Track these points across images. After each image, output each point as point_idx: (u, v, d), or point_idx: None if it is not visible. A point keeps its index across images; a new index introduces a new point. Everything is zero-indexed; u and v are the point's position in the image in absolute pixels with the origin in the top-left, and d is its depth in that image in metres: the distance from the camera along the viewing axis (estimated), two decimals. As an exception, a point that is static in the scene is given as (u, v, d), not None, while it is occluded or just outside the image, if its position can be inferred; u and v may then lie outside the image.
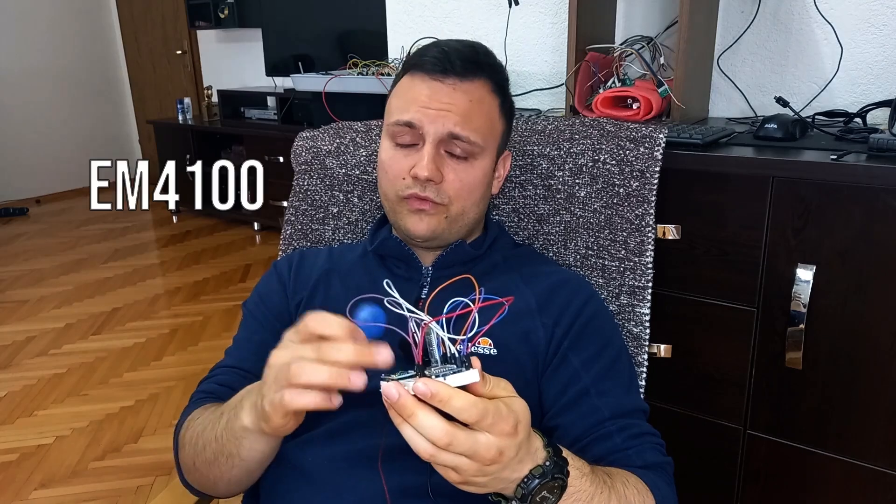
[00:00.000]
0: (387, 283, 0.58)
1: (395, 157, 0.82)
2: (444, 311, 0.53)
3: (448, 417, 0.49)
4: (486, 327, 0.53)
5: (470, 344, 0.52)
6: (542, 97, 1.52)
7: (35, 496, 1.79)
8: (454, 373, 0.50)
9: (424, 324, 0.52)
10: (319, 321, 0.54)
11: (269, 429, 0.59)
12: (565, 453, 0.58)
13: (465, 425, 0.50)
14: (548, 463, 0.55)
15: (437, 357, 0.52)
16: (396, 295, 0.54)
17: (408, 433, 0.50)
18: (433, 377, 0.49)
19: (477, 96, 0.81)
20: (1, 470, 1.89)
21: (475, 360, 0.52)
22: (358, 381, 0.51)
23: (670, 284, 1.02)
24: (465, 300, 0.53)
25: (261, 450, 0.66)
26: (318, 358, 0.52)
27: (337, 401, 0.53)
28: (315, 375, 0.51)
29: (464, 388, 0.50)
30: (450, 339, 0.51)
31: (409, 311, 0.52)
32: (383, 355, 0.51)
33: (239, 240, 4.09)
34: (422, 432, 0.49)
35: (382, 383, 0.50)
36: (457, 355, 0.51)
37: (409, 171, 0.80)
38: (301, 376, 0.52)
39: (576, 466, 0.58)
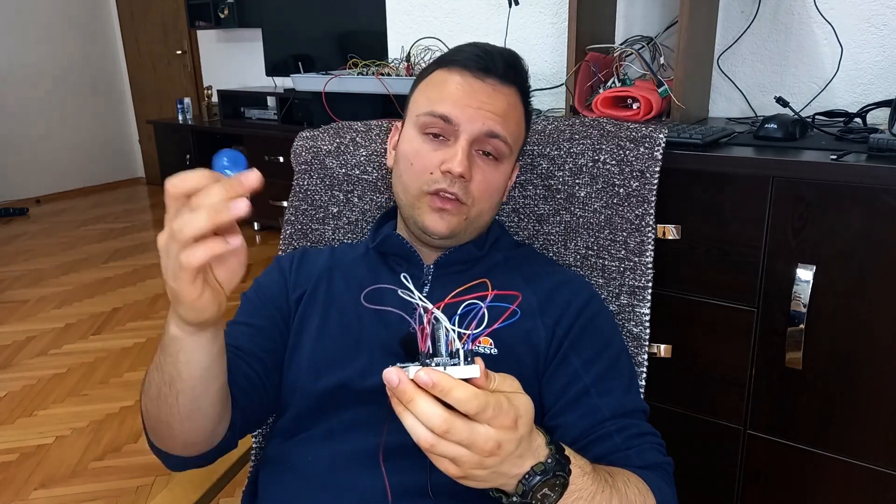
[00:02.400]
0: (404, 276, 0.57)
1: (423, 150, 0.81)
2: (459, 310, 0.53)
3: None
4: (494, 325, 0.53)
5: (472, 343, 0.52)
6: (542, 97, 1.52)
7: (35, 496, 1.79)
8: (455, 366, 0.50)
9: (429, 312, 0.52)
10: (178, 180, 0.49)
11: (187, 309, 0.55)
12: (568, 451, 0.58)
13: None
14: (549, 460, 0.55)
15: (444, 352, 0.52)
16: (416, 292, 0.54)
17: (408, 422, 0.49)
18: (434, 367, 0.50)
19: (512, 101, 0.81)
20: (1, 470, 1.89)
21: (478, 360, 0.52)
22: (240, 207, 0.48)
23: (670, 284, 1.02)
24: (479, 302, 0.53)
25: (198, 360, 0.61)
26: (195, 211, 0.49)
27: (235, 242, 0.51)
28: (196, 222, 0.48)
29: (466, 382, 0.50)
30: (457, 332, 0.51)
31: (422, 302, 0.52)
32: (250, 178, 0.48)
33: (239, 240, 4.09)
34: (420, 419, 0.49)
35: (385, 369, 0.50)
36: (461, 351, 0.51)
37: (438, 165, 0.79)
38: (184, 230, 0.49)
39: (578, 465, 0.59)
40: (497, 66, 0.79)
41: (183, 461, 0.73)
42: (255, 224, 4.28)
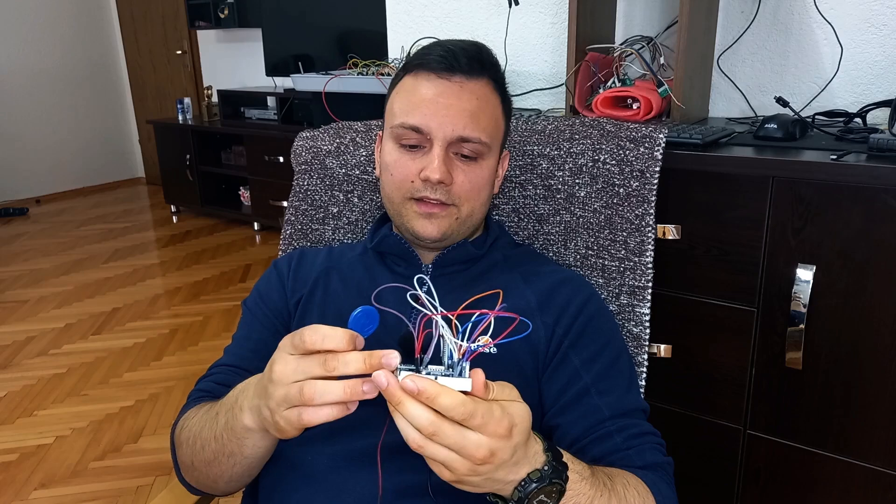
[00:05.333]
0: (419, 278, 0.58)
1: (401, 160, 0.81)
2: (470, 321, 0.53)
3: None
4: (499, 339, 0.53)
5: (471, 356, 0.52)
6: (542, 97, 1.52)
7: (35, 496, 1.79)
8: (447, 376, 0.51)
9: (424, 317, 0.51)
10: (319, 337, 0.53)
11: (280, 436, 0.59)
12: (566, 457, 0.58)
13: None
14: (546, 467, 0.55)
15: (445, 360, 0.52)
16: (423, 295, 0.54)
17: (400, 423, 0.50)
18: (424, 374, 0.50)
19: (483, 94, 0.81)
20: (1, 470, 1.89)
21: (478, 372, 0.52)
22: (371, 392, 0.51)
23: (670, 284, 1.02)
24: (490, 314, 0.53)
25: (265, 446, 0.66)
26: (328, 373, 0.52)
27: (354, 406, 0.54)
28: (330, 395, 0.52)
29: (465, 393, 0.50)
30: (455, 343, 0.51)
31: (434, 308, 0.52)
32: (390, 360, 0.50)
33: (239, 240, 4.09)
34: (409, 420, 0.49)
35: (374, 372, 0.50)
36: (457, 363, 0.51)
37: (417, 173, 0.80)
38: (315, 399, 0.52)
39: (576, 470, 0.58)
40: (461, 62, 0.79)
41: (209, 493, 0.80)
42: (256, 224, 4.28)
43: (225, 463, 0.68)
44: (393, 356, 0.50)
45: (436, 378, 0.50)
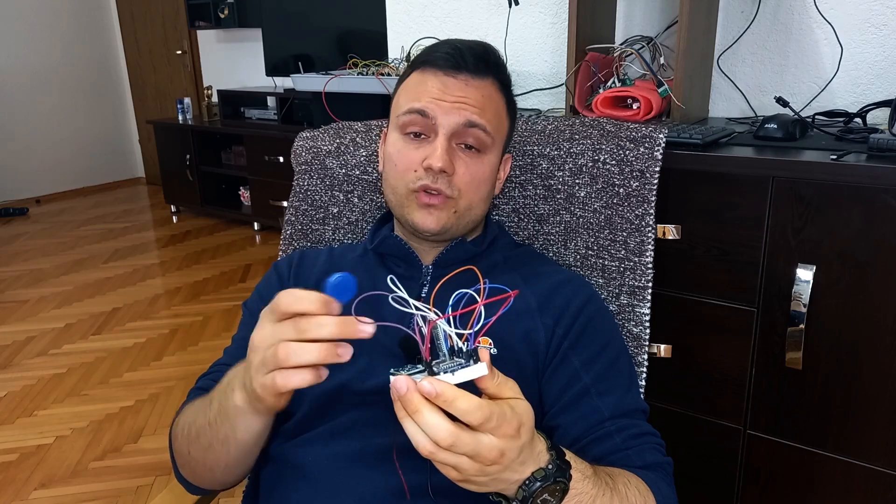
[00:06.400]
0: (391, 279, 0.57)
1: (405, 150, 0.82)
2: (450, 301, 0.53)
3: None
4: (493, 319, 0.52)
5: (476, 339, 0.52)
6: (542, 97, 1.52)
7: (35, 496, 1.79)
8: (462, 367, 0.50)
9: (430, 322, 0.51)
10: (292, 299, 0.53)
11: (262, 408, 0.60)
12: (569, 456, 0.58)
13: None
14: (550, 466, 0.55)
15: (445, 351, 0.51)
16: (403, 292, 0.54)
17: (410, 429, 0.49)
18: (441, 373, 0.49)
19: (488, 93, 0.82)
20: (1, 470, 1.89)
21: (483, 353, 0.51)
22: (346, 355, 0.51)
23: (670, 284, 1.02)
24: (471, 292, 0.53)
25: (256, 428, 0.66)
26: (300, 335, 0.52)
27: (325, 373, 0.54)
28: (304, 356, 0.52)
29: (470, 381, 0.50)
30: (457, 333, 0.51)
31: (416, 307, 0.52)
32: (365, 327, 0.51)
33: (239, 240, 4.09)
34: (425, 430, 0.48)
35: (392, 376, 0.49)
36: (464, 349, 0.51)
37: (420, 162, 0.81)
38: (290, 359, 0.52)
39: (578, 469, 0.58)
40: (467, 61, 0.81)
41: (207, 491, 0.80)
42: (256, 224, 4.28)
43: (220, 449, 0.68)
44: (370, 324, 0.51)
45: (453, 373, 0.49)
